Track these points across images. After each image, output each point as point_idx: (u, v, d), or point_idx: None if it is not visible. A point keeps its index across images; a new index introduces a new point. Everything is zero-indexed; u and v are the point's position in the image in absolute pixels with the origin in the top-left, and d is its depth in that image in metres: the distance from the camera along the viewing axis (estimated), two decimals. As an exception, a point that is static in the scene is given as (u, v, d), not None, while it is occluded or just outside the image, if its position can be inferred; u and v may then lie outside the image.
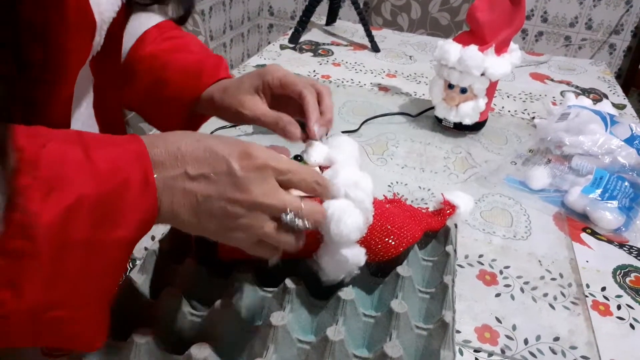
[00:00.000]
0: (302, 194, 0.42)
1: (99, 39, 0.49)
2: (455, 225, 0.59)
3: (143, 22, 0.63)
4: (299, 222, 0.40)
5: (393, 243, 0.49)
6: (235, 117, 0.56)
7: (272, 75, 0.54)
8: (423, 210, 0.58)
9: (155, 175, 0.36)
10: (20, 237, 0.29)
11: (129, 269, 0.52)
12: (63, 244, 0.32)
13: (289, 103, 0.54)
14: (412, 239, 0.51)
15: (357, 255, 0.46)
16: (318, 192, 0.42)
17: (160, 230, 0.58)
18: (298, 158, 0.49)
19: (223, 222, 0.39)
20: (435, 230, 0.57)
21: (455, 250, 0.55)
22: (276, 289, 0.48)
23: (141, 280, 0.49)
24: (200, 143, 0.38)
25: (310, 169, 0.43)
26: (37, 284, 0.31)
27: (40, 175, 0.31)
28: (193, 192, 0.37)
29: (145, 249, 0.52)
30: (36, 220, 0.30)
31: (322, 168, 0.48)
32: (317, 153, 0.49)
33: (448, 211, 0.58)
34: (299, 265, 0.50)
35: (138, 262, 0.51)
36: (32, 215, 0.30)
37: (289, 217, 0.40)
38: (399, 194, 0.74)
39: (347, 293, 0.47)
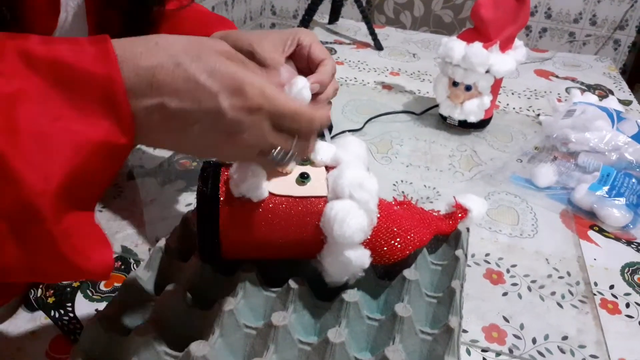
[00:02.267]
0: None
1: (64, 15, 0.46)
2: (468, 229, 0.58)
3: None
4: (287, 159, 0.39)
5: (399, 246, 0.48)
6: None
7: (305, 35, 0.51)
8: (434, 214, 0.57)
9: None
10: None
11: (134, 268, 0.52)
12: (9, 130, 0.28)
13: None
14: (419, 242, 0.50)
15: (361, 257, 0.45)
16: (305, 137, 0.40)
17: (165, 229, 0.58)
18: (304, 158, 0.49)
19: (205, 151, 0.37)
20: (446, 234, 0.56)
21: (466, 255, 0.54)
22: (280, 289, 0.48)
23: (146, 277, 0.50)
24: (180, 69, 0.33)
25: (309, 118, 0.39)
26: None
27: None
28: (173, 128, 0.34)
29: (151, 248, 0.52)
30: None
31: (328, 168, 0.48)
32: (323, 152, 0.48)
33: (460, 215, 0.57)
34: (303, 265, 0.49)
35: (144, 260, 0.51)
36: None
37: (277, 155, 0.38)
38: (408, 196, 0.73)
39: (351, 295, 0.46)
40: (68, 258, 0.32)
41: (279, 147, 0.38)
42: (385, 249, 0.48)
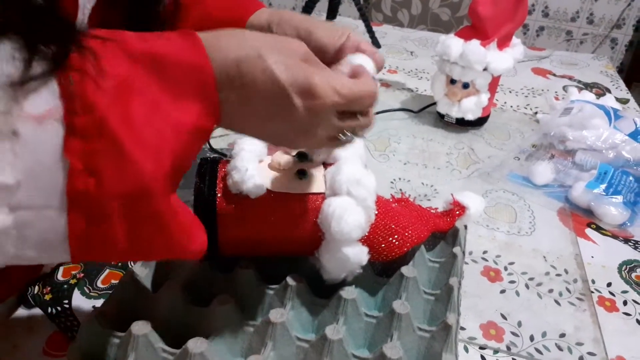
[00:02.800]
0: None
1: (81, 17, 0.46)
2: (465, 227, 0.58)
3: None
4: (353, 137, 0.41)
5: (397, 243, 0.48)
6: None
7: (353, 32, 0.50)
8: (432, 211, 0.57)
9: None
10: (82, 112, 0.29)
11: (131, 265, 0.52)
12: (125, 117, 0.30)
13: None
14: (417, 239, 0.50)
15: (359, 254, 0.45)
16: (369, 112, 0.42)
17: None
18: (302, 155, 0.48)
19: (280, 141, 0.40)
20: (443, 232, 0.56)
21: (463, 252, 0.54)
22: (277, 286, 0.48)
23: (144, 273, 0.49)
24: (261, 60, 0.35)
25: (371, 97, 0.40)
26: (111, 163, 0.30)
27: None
28: (252, 116, 0.37)
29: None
30: (90, 93, 0.29)
31: (326, 165, 0.48)
32: (321, 150, 0.48)
33: (457, 212, 0.57)
34: (301, 262, 0.49)
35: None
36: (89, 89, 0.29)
37: (343, 138, 0.40)
38: (405, 193, 0.73)
39: (349, 292, 0.46)
40: (175, 236, 0.34)
41: (347, 132, 0.40)
42: (383, 246, 0.48)
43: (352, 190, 0.43)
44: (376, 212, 0.46)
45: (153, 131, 0.32)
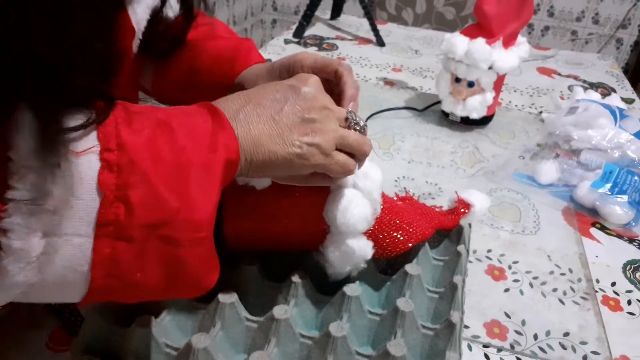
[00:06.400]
0: None
1: (134, 47, 0.50)
2: (470, 225, 0.58)
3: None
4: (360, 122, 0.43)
5: (401, 238, 0.48)
6: None
7: (305, 57, 0.53)
8: (437, 209, 0.57)
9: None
10: (115, 149, 0.31)
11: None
12: (155, 157, 0.33)
13: None
14: (421, 235, 0.50)
15: (363, 247, 0.45)
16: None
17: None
18: None
19: (301, 130, 0.40)
20: (448, 229, 0.56)
21: (467, 250, 0.54)
22: (282, 282, 0.48)
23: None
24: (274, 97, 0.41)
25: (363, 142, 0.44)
26: (140, 195, 0.32)
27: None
28: (265, 113, 0.39)
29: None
30: (124, 136, 0.32)
31: None
32: None
33: (462, 210, 0.57)
34: (305, 259, 0.49)
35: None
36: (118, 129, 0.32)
37: (353, 118, 0.42)
38: (410, 192, 0.73)
39: (353, 289, 0.46)
40: (199, 276, 0.37)
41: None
42: (387, 241, 0.48)
43: (358, 183, 0.43)
44: (382, 206, 0.46)
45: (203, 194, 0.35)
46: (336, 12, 1.48)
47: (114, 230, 0.31)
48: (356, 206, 0.42)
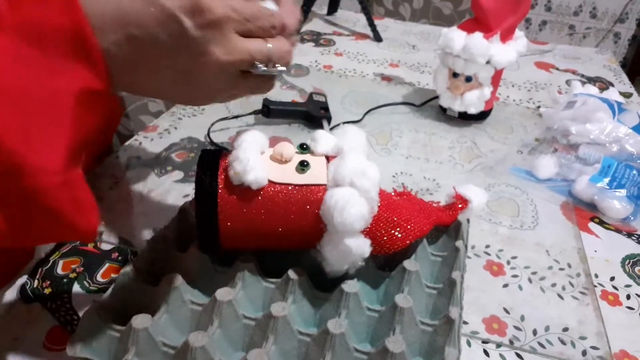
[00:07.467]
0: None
1: None
2: (468, 220, 0.57)
3: None
4: (271, 69, 0.38)
5: (399, 235, 0.48)
6: None
7: None
8: (434, 205, 0.57)
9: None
10: None
11: (131, 259, 0.51)
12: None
13: None
14: (419, 232, 0.50)
15: (361, 246, 0.45)
16: (274, 35, 0.39)
17: (162, 220, 0.57)
18: (304, 147, 0.48)
19: (188, 90, 0.36)
20: (446, 225, 0.56)
21: (466, 246, 0.54)
22: (279, 279, 0.48)
23: (144, 266, 0.49)
24: None
25: (266, 13, 0.38)
26: None
27: None
28: (146, 62, 0.35)
29: (148, 239, 0.51)
30: None
31: (329, 158, 0.47)
32: (324, 142, 0.48)
33: (460, 205, 0.56)
34: (302, 256, 0.49)
35: (141, 250, 0.50)
36: None
37: (260, 68, 0.37)
38: (408, 187, 0.73)
39: (351, 286, 0.46)
40: (61, 217, 0.33)
41: (259, 58, 0.37)
42: (385, 238, 0.47)
43: (355, 182, 0.43)
44: (379, 204, 0.46)
45: (29, 108, 0.30)
46: (333, 7, 1.48)
47: None
48: (353, 205, 0.42)
